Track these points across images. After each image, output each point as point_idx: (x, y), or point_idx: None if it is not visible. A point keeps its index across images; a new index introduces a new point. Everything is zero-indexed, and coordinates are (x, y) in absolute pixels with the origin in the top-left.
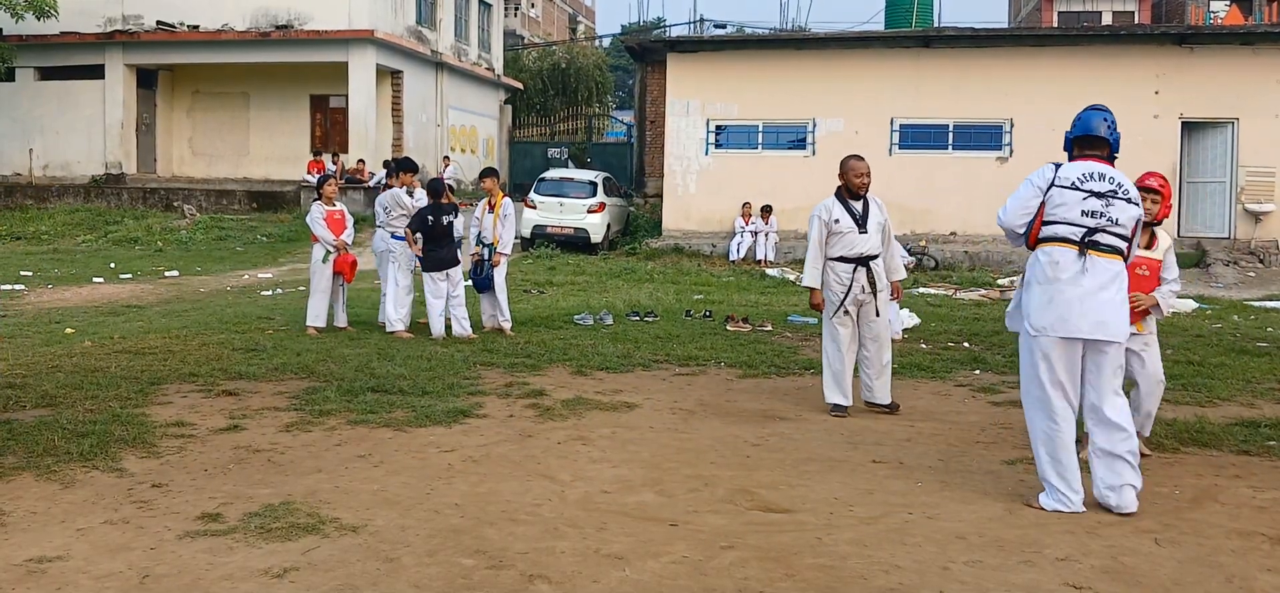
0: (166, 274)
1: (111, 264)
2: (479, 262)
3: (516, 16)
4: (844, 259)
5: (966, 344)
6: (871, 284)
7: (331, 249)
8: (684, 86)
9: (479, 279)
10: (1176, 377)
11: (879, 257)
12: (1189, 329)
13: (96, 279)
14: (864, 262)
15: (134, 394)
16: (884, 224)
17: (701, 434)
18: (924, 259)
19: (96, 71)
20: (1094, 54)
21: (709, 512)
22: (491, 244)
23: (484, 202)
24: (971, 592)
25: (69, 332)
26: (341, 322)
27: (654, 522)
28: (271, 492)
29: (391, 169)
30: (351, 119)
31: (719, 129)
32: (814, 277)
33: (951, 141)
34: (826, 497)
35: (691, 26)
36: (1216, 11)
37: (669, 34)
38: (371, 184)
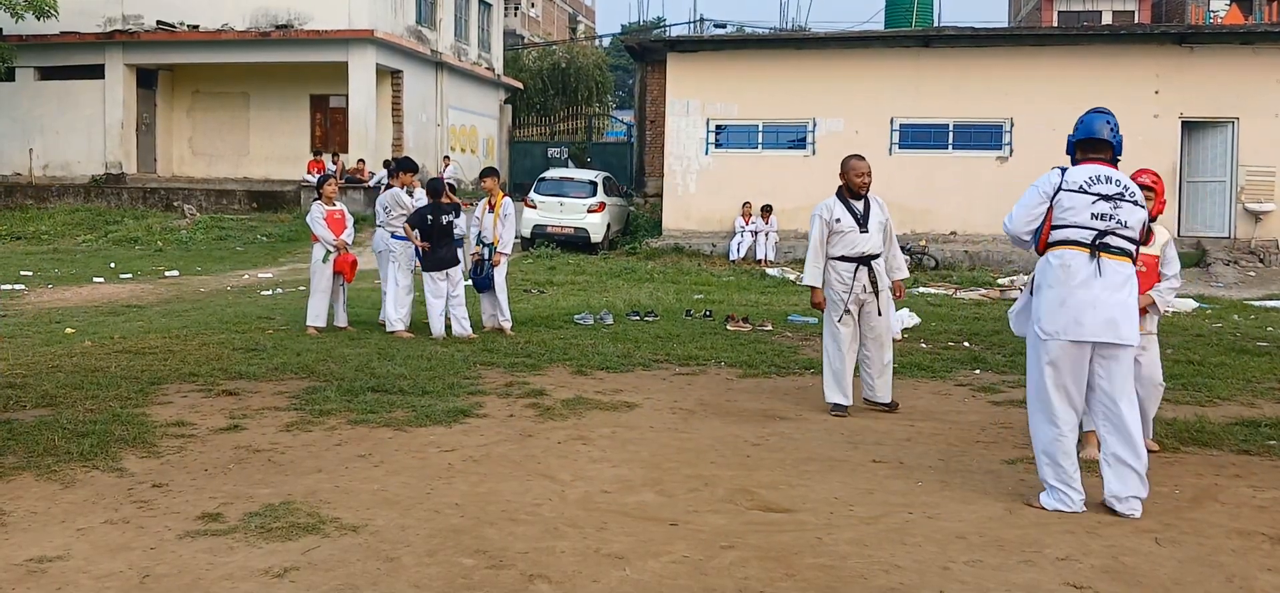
0: (166, 274)
1: (111, 264)
2: (479, 261)
3: (516, 16)
4: (845, 258)
5: (966, 344)
6: (873, 284)
7: (332, 249)
8: (684, 86)
9: (479, 279)
10: (1176, 376)
11: (880, 256)
12: (1189, 329)
13: (97, 279)
14: (865, 261)
15: (134, 394)
16: (885, 224)
17: (702, 434)
18: (924, 259)
19: (96, 71)
20: (1094, 54)
21: (709, 512)
22: (492, 244)
23: (484, 201)
24: (972, 592)
25: (69, 332)
26: (342, 321)
27: (654, 522)
28: (272, 492)
29: (392, 169)
30: (351, 119)
31: (719, 129)
32: (815, 275)
33: (951, 141)
34: (827, 497)
35: (691, 26)
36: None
37: (669, 34)
38: (371, 184)
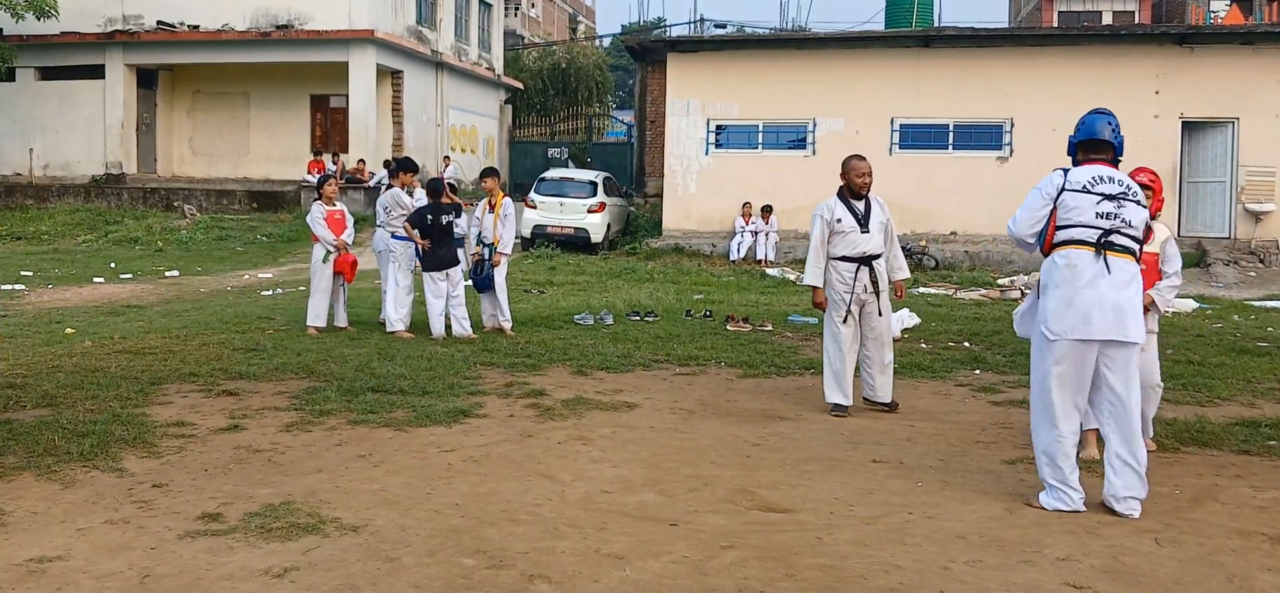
0: (167, 274)
1: (112, 264)
2: (479, 261)
3: (516, 16)
4: (847, 258)
5: (967, 344)
6: (874, 284)
7: (332, 249)
8: (684, 86)
9: (479, 279)
10: (1177, 377)
11: (881, 256)
12: (1189, 329)
13: (97, 279)
14: (866, 261)
15: (134, 394)
16: (886, 224)
17: (702, 434)
18: (924, 259)
19: (97, 71)
20: (1094, 54)
21: (709, 512)
22: (492, 244)
23: (484, 201)
24: (972, 592)
25: (69, 332)
26: (342, 321)
27: (654, 522)
28: (272, 492)
29: (392, 169)
30: (351, 119)
31: (719, 129)
32: (816, 275)
33: (951, 141)
34: (827, 497)
35: (691, 26)
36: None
37: (669, 34)
38: (371, 184)
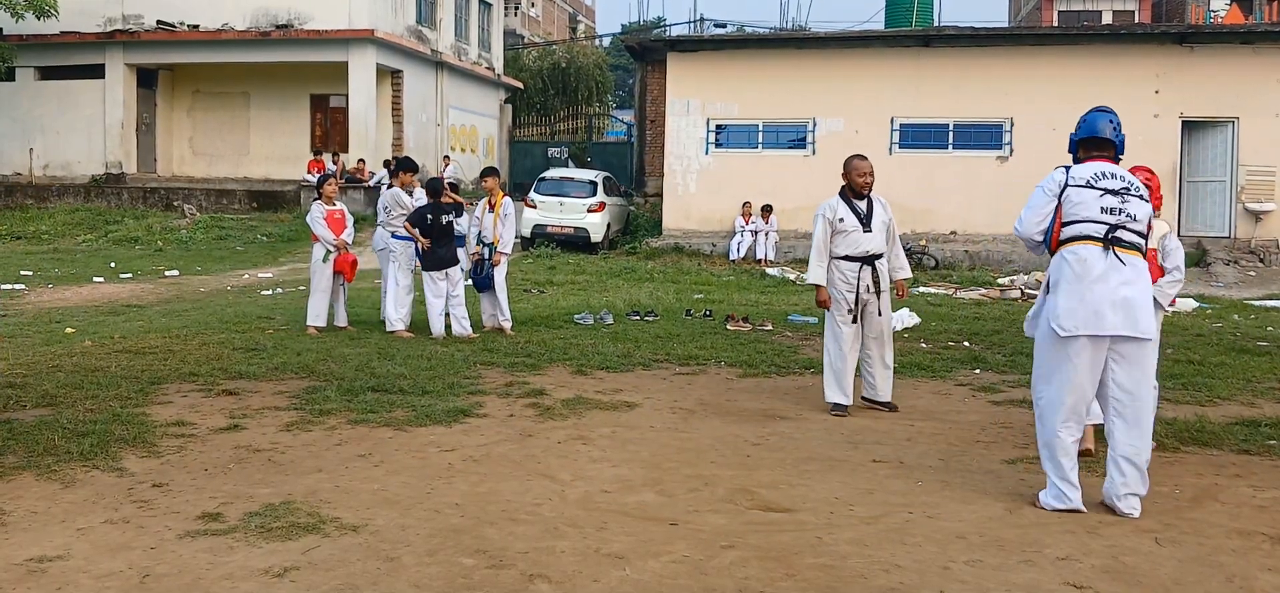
0: (166, 274)
1: (112, 264)
2: (479, 261)
3: (516, 16)
4: (849, 258)
5: (967, 344)
6: (875, 283)
7: (332, 249)
8: (684, 86)
9: (479, 278)
10: (1176, 376)
11: (883, 256)
12: (1189, 328)
13: (97, 279)
14: (868, 260)
15: (134, 394)
16: (888, 223)
17: (702, 434)
18: (924, 259)
19: (97, 71)
20: (1094, 53)
21: (709, 511)
22: (492, 244)
23: (484, 201)
24: (972, 591)
25: (69, 331)
26: (342, 321)
27: (654, 521)
28: (272, 491)
29: (392, 169)
30: (351, 119)
31: (719, 128)
32: (819, 274)
33: (951, 141)
34: (827, 496)
35: (691, 26)
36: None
37: (669, 33)
38: (371, 184)
